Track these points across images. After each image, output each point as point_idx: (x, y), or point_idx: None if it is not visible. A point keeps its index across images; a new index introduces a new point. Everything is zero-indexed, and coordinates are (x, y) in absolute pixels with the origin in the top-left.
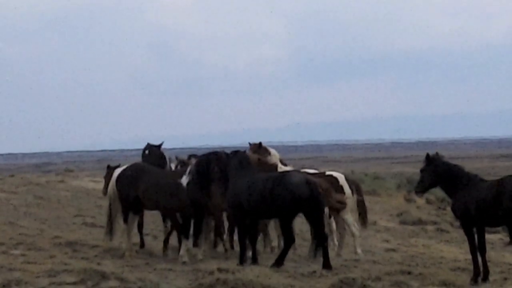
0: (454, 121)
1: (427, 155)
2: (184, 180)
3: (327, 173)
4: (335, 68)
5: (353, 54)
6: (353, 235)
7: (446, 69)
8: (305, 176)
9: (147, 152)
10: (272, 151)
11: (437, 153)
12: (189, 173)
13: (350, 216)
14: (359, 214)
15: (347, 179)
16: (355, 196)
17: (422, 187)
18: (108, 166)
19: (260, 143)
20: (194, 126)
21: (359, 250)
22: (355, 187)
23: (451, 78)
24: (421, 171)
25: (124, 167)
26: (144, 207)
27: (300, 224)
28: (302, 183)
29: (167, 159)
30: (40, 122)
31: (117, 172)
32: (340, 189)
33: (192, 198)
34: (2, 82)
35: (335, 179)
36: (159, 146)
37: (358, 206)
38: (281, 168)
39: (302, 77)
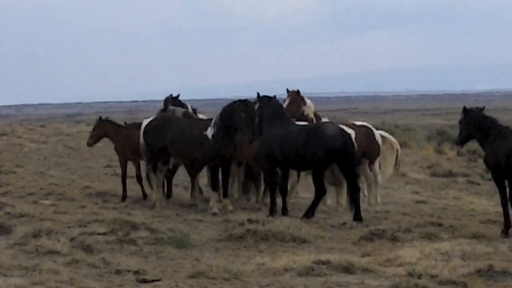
0: (485, 73)
1: (464, 107)
2: (209, 132)
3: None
4: (366, 18)
5: (384, 5)
6: (377, 184)
7: (478, 20)
8: (339, 128)
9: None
10: (308, 101)
11: (483, 108)
12: (214, 124)
13: (377, 166)
14: None
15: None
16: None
17: (460, 139)
18: (100, 118)
19: (298, 91)
20: (224, 77)
21: (379, 200)
22: None
23: (483, 29)
24: (459, 123)
25: (151, 118)
26: (172, 158)
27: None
28: (336, 134)
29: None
30: (71, 72)
31: (145, 123)
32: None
33: (217, 150)
34: (33, 32)
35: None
36: (177, 97)
37: None
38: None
39: (333, 28)
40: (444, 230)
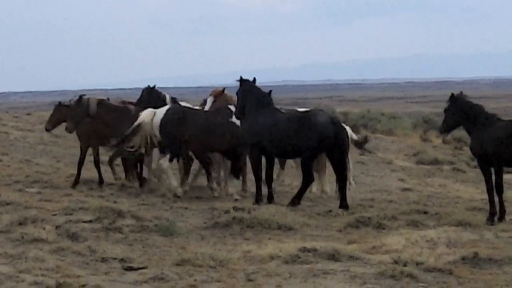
0: (471, 61)
1: (452, 94)
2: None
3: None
4: (354, 7)
5: None
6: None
7: (464, 8)
8: (330, 116)
9: (146, 94)
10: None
11: (461, 92)
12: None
13: None
14: None
15: None
16: None
17: (446, 127)
18: (60, 103)
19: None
20: (212, 66)
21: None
22: None
23: (469, 17)
24: (445, 111)
25: (164, 110)
26: (191, 150)
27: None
28: (328, 122)
29: (167, 100)
30: (57, 60)
31: (160, 115)
32: None
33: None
34: (20, 20)
35: None
36: (154, 87)
37: None
38: None
39: (320, 16)
40: (430, 217)
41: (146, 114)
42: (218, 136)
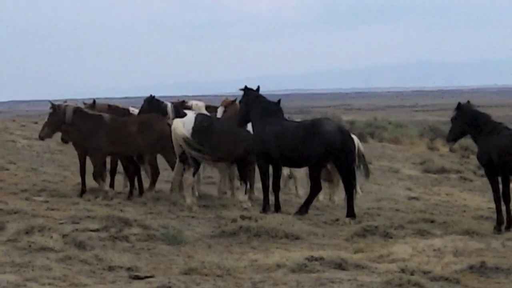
0: (478, 69)
1: (459, 103)
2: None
3: None
4: (359, 13)
5: None
6: None
7: (471, 15)
8: (337, 124)
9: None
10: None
11: (468, 101)
12: None
13: None
14: None
15: None
16: None
17: (452, 136)
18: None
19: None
20: (215, 72)
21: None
22: None
23: (475, 24)
24: (452, 119)
25: (193, 118)
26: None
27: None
28: (336, 131)
29: (169, 109)
30: (63, 68)
31: (189, 124)
32: None
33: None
34: (25, 28)
35: None
36: (153, 97)
37: None
38: None
39: (325, 22)
40: (437, 226)
41: (177, 123)
42: (240, 143)
